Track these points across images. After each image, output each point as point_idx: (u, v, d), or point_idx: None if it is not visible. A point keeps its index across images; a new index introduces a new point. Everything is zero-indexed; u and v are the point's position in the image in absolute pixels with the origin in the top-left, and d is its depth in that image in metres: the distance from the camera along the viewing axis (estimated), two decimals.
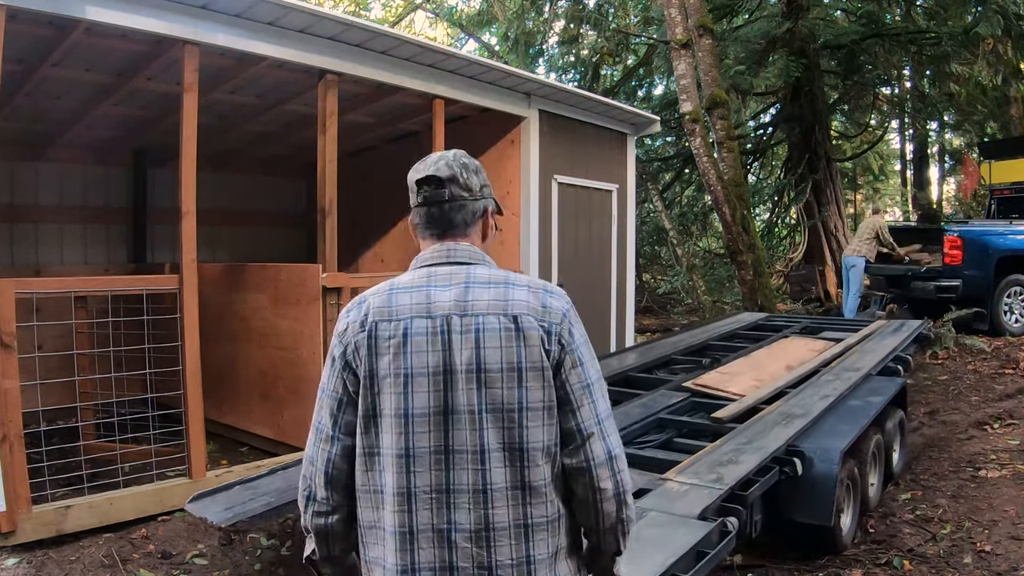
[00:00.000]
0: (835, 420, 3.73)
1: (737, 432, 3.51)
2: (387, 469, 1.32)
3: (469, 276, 1.40)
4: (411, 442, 1.31)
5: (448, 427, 1.31)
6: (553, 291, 1.42)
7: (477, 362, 1.31)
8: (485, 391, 1.31)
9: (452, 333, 1.33)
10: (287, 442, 5.08)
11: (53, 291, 4.11)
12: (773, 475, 3.09)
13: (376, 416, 1.34)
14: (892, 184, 23.08)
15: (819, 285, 12.97)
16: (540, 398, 1.33)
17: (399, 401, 1.32)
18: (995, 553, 3.54)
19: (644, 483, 2.84)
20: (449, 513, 1.30)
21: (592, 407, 1.38)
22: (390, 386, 1.33)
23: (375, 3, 23.10)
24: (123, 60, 4.74)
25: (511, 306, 1.35)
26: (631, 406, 4.19)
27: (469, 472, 1.30)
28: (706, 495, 2.69)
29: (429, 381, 1.32)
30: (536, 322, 1.34)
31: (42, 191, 6.87)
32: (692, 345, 6.06)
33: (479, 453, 1.30)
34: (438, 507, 1.30)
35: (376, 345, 1.35)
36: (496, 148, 6.73)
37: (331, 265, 4.98)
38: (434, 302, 1.36)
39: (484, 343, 1.32)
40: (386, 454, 1.32)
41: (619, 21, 16.54)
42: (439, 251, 1.45)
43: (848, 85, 13.97)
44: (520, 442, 1.32)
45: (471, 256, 1.45)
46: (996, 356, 7.95)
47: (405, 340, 1.33)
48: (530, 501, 1.32)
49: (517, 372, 1.32)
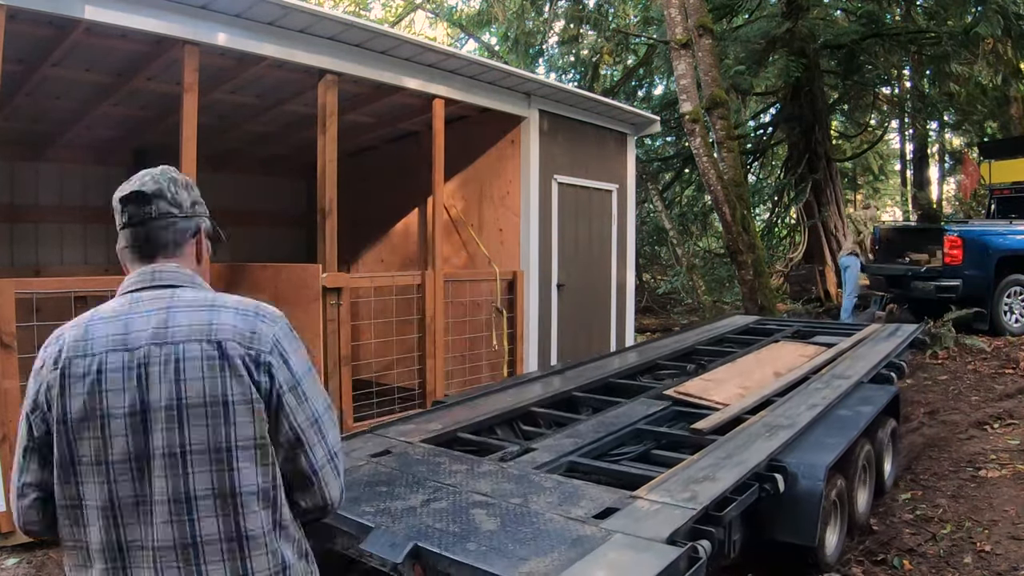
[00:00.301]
0: (822, 432, 3.57)
1: (717, 445, 3.36)
2: (89, 524, 1.18)
3: (173, 300, 1.26)
4: (115, 492, 1.17)
5: (147, 473, 1.16)
6: (266, 315, 1.28)
7: (177, 397, 1.17)
8: (188, 430, 1.17)
9: (150, 366, 1.18)
10: None
11: (53, 291, 4.10)
12: (752, 493, 2.92)
13: (75, 464, 1.19)
14: (892, 184, 23.08)
15: (819, 285, 12.98)
16: (251, 435, 1.20)
17: (97, 447, 1.17)
18: (995, 553, 3.54)
19: (612, 501, 2.67)
20: (157, 574, 1.17)
21: (323, 444, 1.28)
22: (88, 431, 1.18)
23: (375, 3, 23.11)
24: (123, 60, 4.75)
25: (215, 331, 1.21)
26: (609, 415, 4.04)
27: (174, 525, 1.16)
28: (677, 516, 2.51)
29: (125, 423, 1.17)
30: (243, 349, 1.21)
31: (42, 191, 6.87)
32: (678, 350, 5.91)
33: (184, 502, 1.16)
34: (146, 566, 1.17)
35: (70, 385, 1.19)
36: (496, 148, 6.73)
37: (331, 265, 4.98)
38: (132, 332, 1.21)
39: (184, 375, 1.18)
40: (90, 506, 1.18)
41: (619, 21, 16.54)
42: (144, 274, 1.31)
43: (848, 85, 13.97)
44: (232, 486, 1.18)
45: (178, 278, 1.31)
46: (996, 356, 7.95)
47: (99, 378, 1.18)
48: (249, 554, 1.20)
49: (223, 406, 1.18)
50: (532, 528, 2.46)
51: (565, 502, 2.69)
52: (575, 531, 2.43)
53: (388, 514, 2.64)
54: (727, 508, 2.74)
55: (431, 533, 2.45)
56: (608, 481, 3.13)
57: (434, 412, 4.29)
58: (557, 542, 2.34)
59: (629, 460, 3.56)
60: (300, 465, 1.26)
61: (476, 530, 2.46)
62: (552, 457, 3.34)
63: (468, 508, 2.67)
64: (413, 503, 2.74)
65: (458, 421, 3.98)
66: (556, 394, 4.64)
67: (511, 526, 2.49)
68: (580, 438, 3.63)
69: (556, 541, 2.35)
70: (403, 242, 7.88)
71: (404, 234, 7.86)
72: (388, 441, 3.58)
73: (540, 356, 6.68)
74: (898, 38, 12.42)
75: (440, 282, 5.81)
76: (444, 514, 2.62)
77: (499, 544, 2.35)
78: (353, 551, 2.66)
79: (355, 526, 2.59)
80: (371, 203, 7.90)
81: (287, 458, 1.26)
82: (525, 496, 2.76)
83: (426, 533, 2.45)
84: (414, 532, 2.46)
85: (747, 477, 2.96)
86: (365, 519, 2.59)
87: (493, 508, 2.66)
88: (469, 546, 2.34)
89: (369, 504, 2.74)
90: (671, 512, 2.57)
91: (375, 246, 8.18)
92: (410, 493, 2.85)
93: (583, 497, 2.74)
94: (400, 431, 3.83)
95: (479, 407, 4.31)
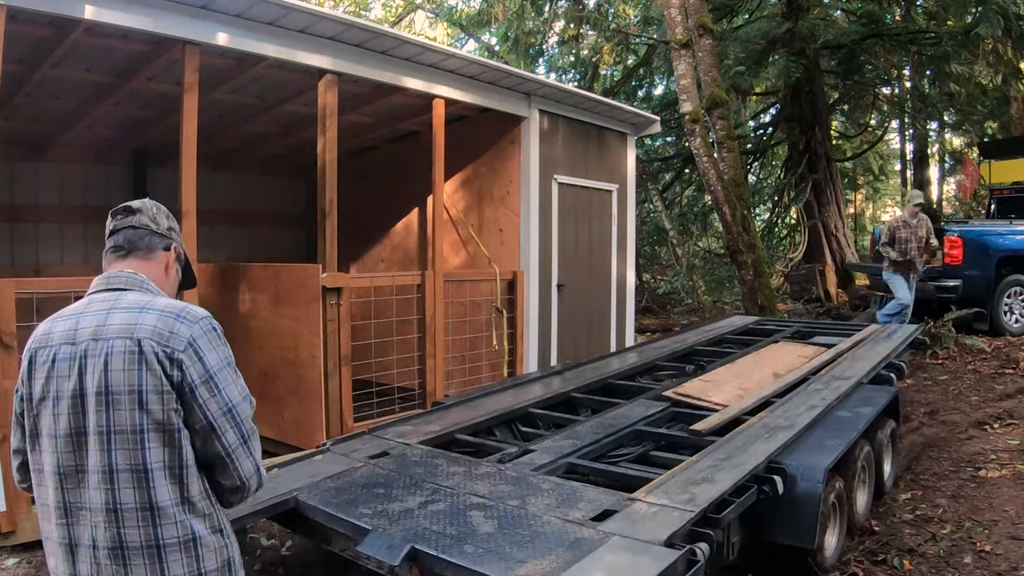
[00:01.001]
0: (821, 433, 3.56)
1: (716, 446, 3.35)
2: (47, 485, 1.43)
3: (116, 302, 1.47)
4: (61, 461, 1.41)
5: (84, 447, 1.40)
6: (187, 316, 1.46)
7: (105, 385, 1.38)
8: (112, 412, 1.38)
9: (88, 358, 1.40)
10: (287, 442, 5.08)
11: (53, 291, 4.10)
12: (751, 495, 2.90)
13: (37, 436, 1.45)
14: (892, 184, 23.07)
15: (819, 285, 12.97)
16: (160, 420, 1.39)
17: (51, 423, 1.42)
18: (995, 553, 3.54)
19: (610, 503, 2.67)
20: (92, 531, 1.39)
21: (236, 429, 1.47)
22: (44, 409, 1.43)
23: (375, 3, 23.11)
24: (123, 60, 4.75)
25: (137, 330, 1.41)
26: (608, 416, 4.03)
27: (102, 491, 1.38)
28: (675, 518, 2.50)
29: (68, 404, 1.40)
30: (159, 347, 1.40)
31: (42, 191, 6.87)
32: (678, 350, 5.91)
33: (107, 473, 1.38)
34: (86, 524, 1.40)
35: (33, 371, 1.45)
36: (496, 148, 6.73)
37: (331, 265, 4.98)
38: (80, 329, 1.44)
39: (111, 367, 1.39)
40: (47, 471, 1.43)
41: (619, 21, 16.54)
42: (102, 279, 1.55)
43: (848, 85, 13.97)
44: (144, 463, 1.38)
45: (127, 282, 1.53)
46: (996, 356, 7.95)
47: (53, 365, 1.43)
48: (159, 522, 1.39)
49: (138, 395, 1.38)
50: (530, 530, 2.46)
51: (563, 504, 2.69)
52: (573, 533, 2.42)
53: (385, 516, 2.63)
54: (726, 510, 2.73)
55: (428, 535, 2.45)
56: (607, 483, 3.12)
57: (433, 413, 4.30)
58: (554, 544, 2.34)
59: (628, 462, 3.54)
60: (215, 448, 1.45)
61: (474, 532, 2.46)
62: (551, 459, 3.34)
63: (466, 510, 2.67)
64: (411, 505, 2.74)
65: (457, 422, 3.98)
66: (555, 395, 4.63)
67: (508, 528, 2.48)
68: (579, 439, 3.62)
69: (553, 543, 2.34)
70: (403, 242, 7.89)
71: (404, 234, 7.86)
72: (386, 443, 3.57)
73: (540, 356, 6.68)
74: (898, 38, 12.41)
75: (440, 282, 5.81)
76: (441, 516, 2.62)
77: (496, 546, 2.34)
78: (350, 553, 2.66)
79: (352, 528, 2.60)
80: (371, 203, 7.90)
81: (204, 442, 1.45)
82: (523, 498, 2.76)
83: (423, 535, 2.45)
84: (411, 534, 2.46)
85: (746, 479, 2.95)
86: (363, 521, 2.59)
87: (491, 510, 2.66)
88: (466, 548, 2.34)
89: (366, 506, 2.73)
90: (669, 514, 2.56)
91: (375, 246, 8.18)
92: (407, 495, 2.85)
93: (581, 499, 2.74)
94: (399, 432, 3.83)
95: (478, 408, 4.31)
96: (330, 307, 4.97)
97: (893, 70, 14.64)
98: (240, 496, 1.53)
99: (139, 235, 1.60)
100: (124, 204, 1.63)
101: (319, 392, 4.97)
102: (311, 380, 5.02)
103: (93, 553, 1.39)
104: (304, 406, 5.10)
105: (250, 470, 1.50)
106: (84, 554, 1.40)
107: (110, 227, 1.62)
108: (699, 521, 2.59)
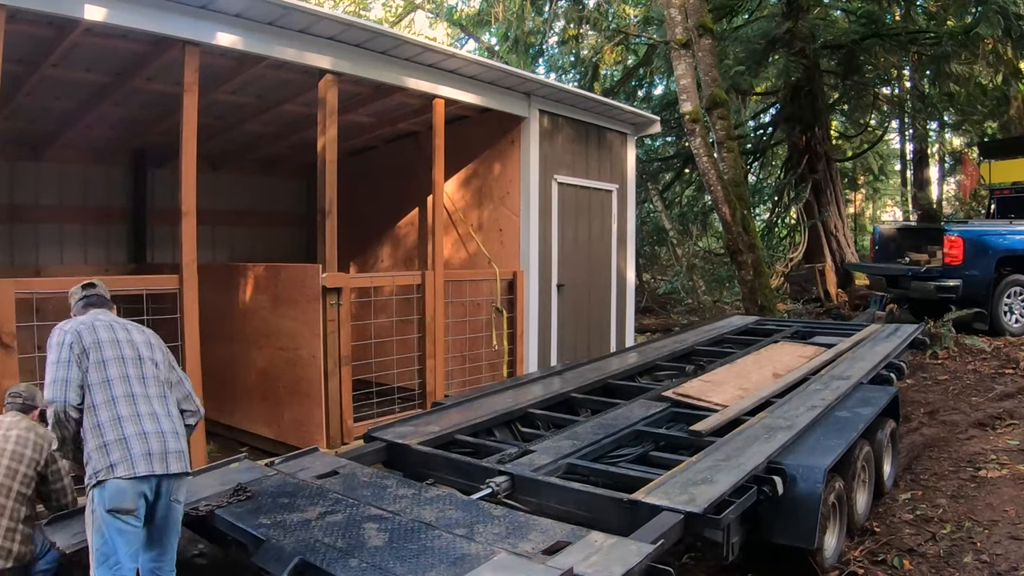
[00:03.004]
0: (821, 434, 3.56)
1: (716, 447, 3.35)
2: (115, 387, 2.46)
3: (114, 319, 2.69)
4: (127, 370, 2.52)
5: (140, 363, 2.58)
6: (151, 331, 2.80)
7: (141, 339, 2.66)
8: (152, 350, 2.65)
9: (126, 329, 2.66)
10: (287, 442, 5.08)
11: (53, 291, 4.09)
12: (751, 495, 2.90)
13: (103, 361, 2.49)
14: (892, 184, 23.05)
15: (819, 285, 12.97)
16: (163, 360, 2.72)
17: (116, 352, 2.53)
18: (995, 553, 3.54)
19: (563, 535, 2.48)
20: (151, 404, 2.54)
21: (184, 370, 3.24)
22: (108, 346, 2.52)
23: (375, 3, 23.10)
24: (123, 60, 4.74)
25: (138, 328, 2.75)
26: (607, 417, 4.01)
27: (154, 383, 2.58)
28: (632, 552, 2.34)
29: (127, 344, 2.58)
30: (154, 338, 2.77)
31: (42, 191, 6.87)
32: (678, 351, 5.90)
33: (155, 377, 2.61)
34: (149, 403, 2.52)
35: (96, 330, 2.55)
36: (496, 148, 6.73)
37: (331, 265, 4.98)
38: (109, 321, 2.67)
39: (137, 335, 2.68)
40: (113, 379, 2.48)
41: (619, 21, 16.53)
42: (96, 312, 2.69)
43: (848, 85, 13.96)
44: (165, 375, 2.71)
45: (109, 317, 2.71)
46: (996, 356, 7.95)
47: (110, 327, 2.59)
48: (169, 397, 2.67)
49: (157, 347, 2.72)
50: (418, 545, 2.43)
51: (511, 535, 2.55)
52: (460, 549, 2.38)
53: (282, 527, 2.61)
54: (726, 511, 2.72)
55: (319, 548, 2.43)
56: (607, 483, 3.12)
57: (433, 413, 4.29)
58: (438, 560, 2.31)
59: (628, 462, 3.54)
60: (179, 373, 2.77)
61: (362, 546, 2.44)
62: (551, 459, 3.34)
63: (360, 523, 2.63)
64: (309, 516, 2.71)
65: (457, 423, 3.98)
66: (555, 395, 4.63)
67: (398, 543, 2.46)
68: (579, 440, 3.62)
69: (437, 559, 2.32)
70: (403, 242, 7.88)
71: (404, 234, 7.86)
72: (337, 461, 3.47)
73: (540, 356, 6.68)
74: (898, 38, 12.41)
75: (440, 282, 5.80)
76: (336, 528, 2.59)
77: (381, 561, 2.32)
78: (247, 562, 2.64)
79: (249, 538, 2.59)
80: (371, 203, 7.90)
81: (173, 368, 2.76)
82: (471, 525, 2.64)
83: (314, 548, 2.43)
84: (303, 546, 2.44)
85: (746, 479, 2.95)
86: (259, 531, 2.58)
87: (385, 523, 2.63)
88: (351, 563, 2.32)
89: (267, 516, 2.72)
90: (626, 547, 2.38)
91: (375, 246, 8.18)
92: (309, 505, 2.82)
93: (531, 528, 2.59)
94: (398, 432, 3.83)
95: (478, 408, 4.30)
96: (330, 307, 4.97)
97: (893, 70, 14.63)
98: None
99: (101, 299, 2.76)
100: (89, 281, 2.78)
101: (319, 392, 4.97)
102: (311, 380, 5.02)
103: (151, 416, 2.47)
104: (304, 406, 5.10)
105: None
106: (147, 417, 2.45)
107: (82, 294, 2.73)
108: (700, 522, 2.56)
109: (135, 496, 2.35)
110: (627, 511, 2.75)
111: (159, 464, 2.38)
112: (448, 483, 3.33)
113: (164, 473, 2.39)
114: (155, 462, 2.37)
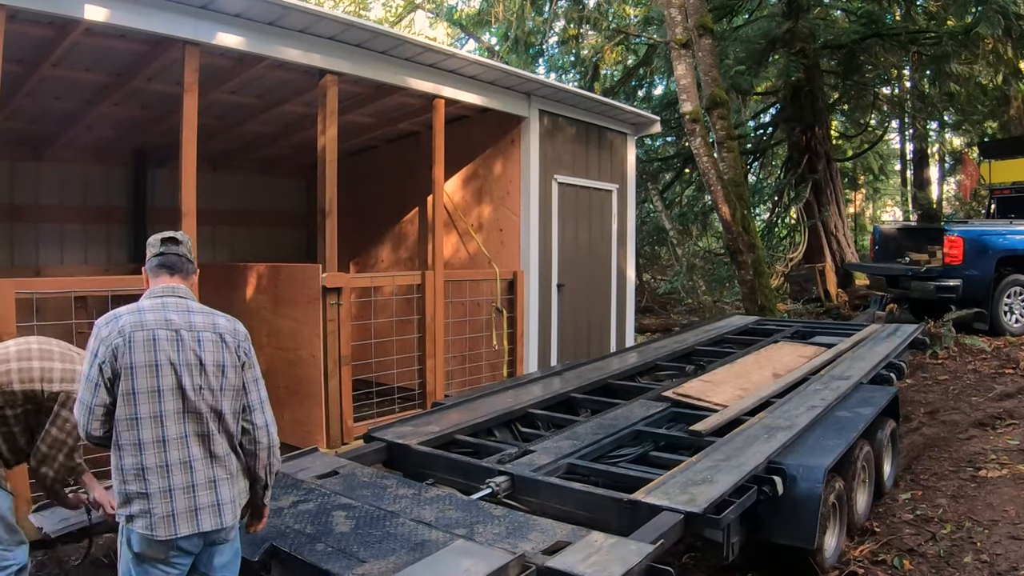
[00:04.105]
0: (821, 434, 3.56)
1: (716, 447, 3.35)
2: (144, 427, 2.07)
3: (189, 305, 2.23)
4: (162, 407, 2.09)
5: (184, 396, 2.12)
6: (238, 320, 2.31)
7: (199, 358, 2.15)
8: (205, 376, 2.15)
9: (182, 340, 2.14)
10: (287, 442, 5.07)
11: (53, 291, 4.10)
12: (751, 495, 2.90)
13: (135, 392, 2.07)
14: (892, 184, 23.06)
15: (819, 285, 12.97)
16: (234, 384, 2.21)
17: (152, 382, 2.09)
18: (995, 553, 3.54)
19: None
20: (188, 449, 2.12)
21: (258, 392, 2.28)
22: (145, 372, 2.08)
23: (375, 3, 23.10)
24: (123, 60, 4.74)
25: (217, 327, 2.22)
26: (608, 417, 4.01)
27: (198, 422, 2.14)
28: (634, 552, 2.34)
29: (170, 368, 2.11)
30: (232, 339, 2.23)
31: (42, 191, 6.87)
32: (678, 351, 5.89)
33: (202, 413, 2.14)
34: (187, 446, 2.12)
35: (132, 345, 2.08)
36: (496, 148, 6.73)
37: (331, 265, 4.98)
38: (170, 318, 2.16)
39: (203, 348, 2.16)
40: (143, 417, 2.07)
41: (619, 21, 16.53)
42: (167, 288, 2.24)
43: (848, 85, 13.96)
44: (220, 408, 2.17)
45: (187, 294, 2.27)
46: (996, 356, 7.96)
47: (154, 343, 2.11)
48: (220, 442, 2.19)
49: (222, 367, 2.18)
50: (382, 531, 2.54)
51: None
52: (421, 535, 2.49)
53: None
54: (726, 511, 2.72)
55: (288, 533, 2.54)
56: (607, 483, 3.12)
57: (433, 414, 4.29)
58: (399, 546, 2.42)
59: (628, 462, 3.54)
60: (250, 399, 2.28)
61: (330, 532, 2.55)
62: (551, 459, 3.34)
63: (330, 511, 2.74)
64: (282, 504, 2.80)
65: (457, 423, 3.98)
66: (555, 395, 4.63)
67: (363, 528, 2.57)
68: (579, 440, 3.62)
69: (399, 544, 2.43)
70: (403, 242, 7.88)
71: (404, 234, 7.86)
72: (337, 461, 3.47)
73: (540, 356, 6.68)
74: (898, 38, 12.41)
75: (440, 282, 5.80)
76: (306, 516, 2.70)
77: (345, 545, 2.44)
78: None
79: None
80: (371, 203, 7.90)
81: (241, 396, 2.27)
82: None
83: (284, 533, 2.53)
84: (274, 532, 2.53)
85: (746, 479, 2.95)
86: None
87: (353, 511, 2.74)
88: (317, 547, 2.44)
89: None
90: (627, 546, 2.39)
91: (375, 246, 8.18)
92: (282, 495, 2.91)
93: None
94: (398, 432, 3.82)
95: (478, 409, 4.30)
96: (330, 307, 4.97)
97: (893, 70, 14.64)
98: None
99: (181, 262, 2.29)
100: (171, 235, 2.30)
101: (319, 392, 4.97)
102: (311, 380, 5.02)
103: (182, 467, 2.10)
104: (304, 406, 5.10)
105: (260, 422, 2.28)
106: (177, 468, 2.09)
107: (159, 250, 2.26)
108: (699, 522, 2.55)
109: (163, 549, 2.10)
110: (627, 511, 2.75)
111: (185, 524, 2.09)
112: (448, 483, 3.32)
113: (191, 533, 2.11)
114: (180, 523, 2.08)
